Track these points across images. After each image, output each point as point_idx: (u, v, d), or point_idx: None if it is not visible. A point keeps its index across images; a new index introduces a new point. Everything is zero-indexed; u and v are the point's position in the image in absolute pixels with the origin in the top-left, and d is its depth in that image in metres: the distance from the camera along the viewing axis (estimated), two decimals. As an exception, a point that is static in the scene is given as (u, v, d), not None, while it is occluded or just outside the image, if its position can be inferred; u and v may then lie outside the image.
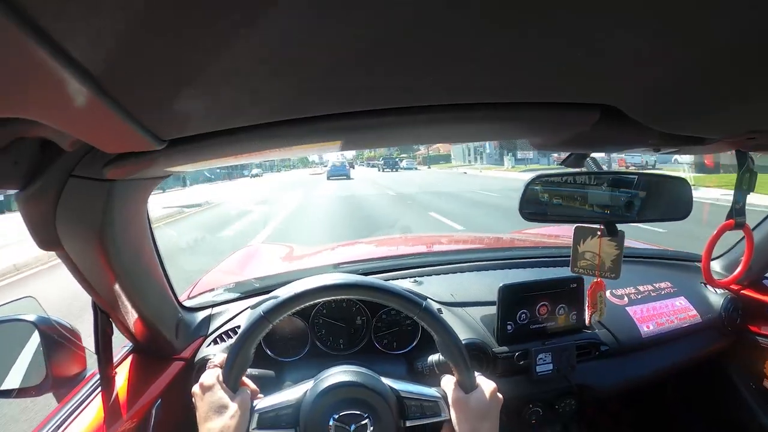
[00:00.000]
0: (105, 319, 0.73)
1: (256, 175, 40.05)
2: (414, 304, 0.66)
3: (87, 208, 0.54)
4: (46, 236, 0.55)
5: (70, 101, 0.27)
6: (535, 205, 0.75)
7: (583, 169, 0.78)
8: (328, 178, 24.57)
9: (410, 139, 0.56)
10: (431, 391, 0.67)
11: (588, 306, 0.86)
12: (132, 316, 0.72)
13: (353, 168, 35.69)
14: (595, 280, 0.84)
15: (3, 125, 0.35)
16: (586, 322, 0.87)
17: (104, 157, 0.49)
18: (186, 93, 0.30)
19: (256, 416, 0.63)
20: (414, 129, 0.44)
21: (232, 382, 0.65)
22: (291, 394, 0.66)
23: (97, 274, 0.63)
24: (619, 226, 0.82)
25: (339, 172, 25.31)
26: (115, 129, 0.34)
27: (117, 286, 0.65)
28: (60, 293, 3.60)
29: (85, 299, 0.70)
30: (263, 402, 0.65)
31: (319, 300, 0.68)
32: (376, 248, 1.56)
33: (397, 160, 38.78)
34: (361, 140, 0.49)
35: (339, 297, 0.75)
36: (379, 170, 34.94)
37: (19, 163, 0.46)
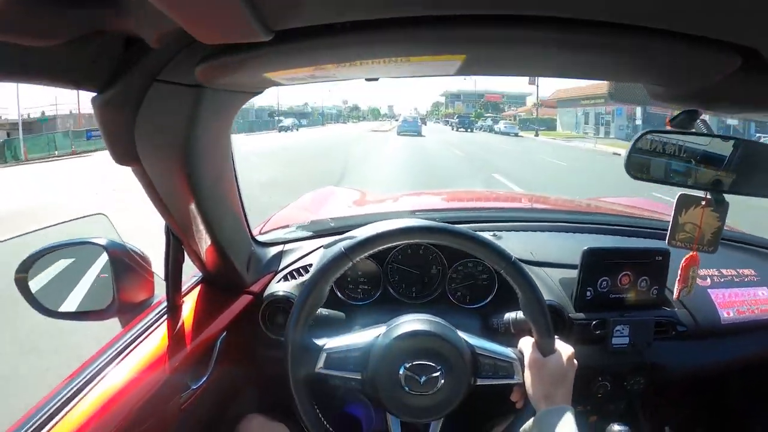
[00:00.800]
0: (177, 245, 0.71)
1: (287, 128, 29.92)
2: (503, 258, 0.63)
3: (171, 117, 0.50)
4: (123, 148, 0.51)
5: None
6: (641, 164, 0.69)
7: (697, 131, 0.71)
8: (399, 134, 22.71)
9: (523, 65, 0.49)
10: (507, 351, 0.64)
11: (679, 280, 0.80)
12: (205, 243, 0.71)
13: (425, 124, 33.49)
14: (691, 253, 0.78)
15: (79, 9, 0.31)
16: (675, 296, 0.81)
17: (193, 59, 0.44)
18: None
19: (324, 355, 0.62)
20: (530, 49, 0.39)
21: (303, 317, 0.63)
22: (361, 337, 0.64)
23: (175, 194, 0.60)
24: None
25: (410, 129, 23.38)
26: (223, 8, 0.30)
27: (194, 210, 0.63)
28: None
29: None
30: (332, 342, 0.63)
31: (401, 243, 0.65)
32: (453, 199, 1.52)
33: (473, 119, 36.11)
34: (480, 59, 0.43)
35: (421, 242, 0.72)
36: (452, 128, 32.89)
37: (97, 62, 0.43)
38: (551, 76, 0.53)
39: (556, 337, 0.64)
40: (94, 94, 0.46)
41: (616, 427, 0.81)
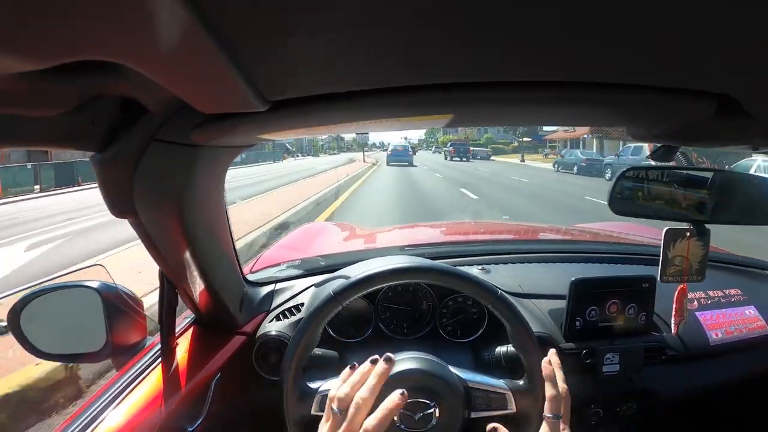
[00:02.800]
0: (171, 289, 0.72)
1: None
2: (489, 292, 0.64)
3: (168, 174, 0.52)
4: (121, 203, 0.52)
5: (177, 45, 0.24)
6: (625, 199, 0.71)
7: (677, 164, 0.73)
8: (388, 164, 21.41)
9: (508, 119, 0.52)
10: (500, 382, 0.65)
11: (675, 314, 0.82)
12: (198, 287, 0.71)
13: (415, 154, 28.75)
14: (681, 285, 0.80)
15: (82, 77, 0.31)
16: (673, 331, 0.83)
17: (191, 120, 0.45)
18: (300, 46, 0.27)
19: (318, 398, 0.63)
20: (515, 107, 0.41)
21: (296, 361, 0.63)
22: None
23: (170, 243, 0.61)
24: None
25: (400, 158, 21.95)
26: (221, 83, 0.31)
27: (188, 257, 0.64)
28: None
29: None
30: (326, 385, 0.64)
31: (391, 283, 0.66)
32: (442, 233, 1.53)
33: (468, 146, 29.64)
34: (464, 117, 0.45)
35: (411, 281, 0.73)
36: (446, 158, 28.37)
37: (96, 123, 0.44)
38: (534, 125, 0.55)
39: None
40: (93, 153, 0.48)
41: None
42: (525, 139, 34.59)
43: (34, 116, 0.36)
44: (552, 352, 0.65)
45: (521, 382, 0.64)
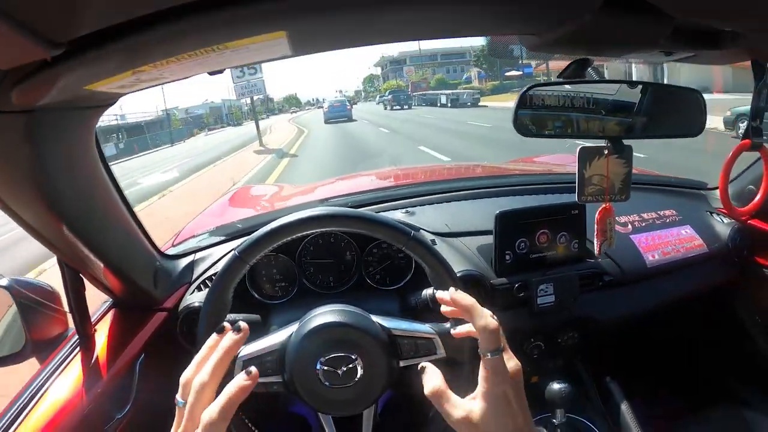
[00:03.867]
0: (73, 274, 0.68)
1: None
2: (401, 234, 0.61)
3: (10, 148, 0.46)
4: None
5: None
6: (530, 118, 0.68)
7: (584, 79, 0.70)
8: (326, 122, 19.71)
9: (373, 36, 0.47)
10: (425, 327, 0.62)
11: (597, 235, 0.81)
12: (100, 268, 0.67)
13: (355, 104, 28.57)
14: (604, 205, 0.78)
15: None
16: (596, 252, 0.82)
17: (9, 83, 0.40)
18: None
19: (240, 364, 0.60)
20: (376, 17, 0.36)
21: (210, 329, 0.61)
22: (274, 338, 0.61)
23: (48, 225, 0.56)
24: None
25: (338, 114, 20.10)
26: None
27: (72, 237, 0.59)
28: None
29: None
30: (245, 349, 0.61)
31: (299, 234, 0.63)
32: (366, 181, 1.50)
33: (409, 94, 27.67)
34: (306, 34, 0.40)
35: (320, 230, 0.70)
36: (385, 108, 26.55)
37: None
38: (402, 40, 0.50)
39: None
40: None
41: (555, 385, 0.81)
42: (513, 73, 28.68)
43: None
44: (452, 289, 0.60)
45: (447, 325, 0.62)
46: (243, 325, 0.50)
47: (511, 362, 0.45)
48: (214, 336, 0.49)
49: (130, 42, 0.33)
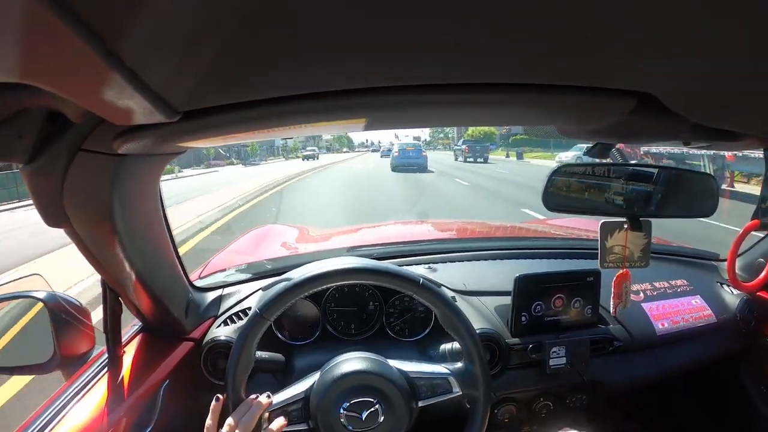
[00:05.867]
0: (114, 297, 0.72)
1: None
2: (411, 282, 0.65)
3: (96, 183, 0.53)
4: (53, 213, 0.53)
5: (78, 66, 0.25)
6: (558, 195, 0.73)
7: (608, 161, 0.75)
8: (394, 169, 14.92)
9: (432, 120, 0.53)
10: (439, 368, 0.66)
11: (613, 296, 0.84)
12: (141, 294, 0.71)
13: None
14: (621, 270, 0.82)
15: (5, 93, 0.33)
16: (611, 312, 0.85)
17: (115, 130, 0.46)
18: (204, 60, 0.28)
19: (266, 415, 0.63)
20: (437, 109, 0.42)
21: (239, 381, 0.64)
22: (298, 388, 0.65)
23: (106, 251, 0.62)
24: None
25: (409, 160, 15.19)
26: (126, 99, 0.32)
27: (126, 264, 0.64)
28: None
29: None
30: (272, 399, 0.64)
31: (320, 288, 0.66)
32: (390, 232, 1.54)
33: (487, 145, 23.40)
34: (382, 120, 0.46)
35: (338, 284, 0.73)
36: (456, 158, 23.43)
37: (24, 136, 0.45)
38: (461, 126, 0.56)
39: None
40: (23, 165, 0.48)
41: None
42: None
43: None
44: None
45: (460, 364, 0.65)
46: (270, 395, 0.56)
47: None
48: (246, 402, 0.59)
49: (234, 116, 0.39)
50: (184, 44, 0.26)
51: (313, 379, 0.65)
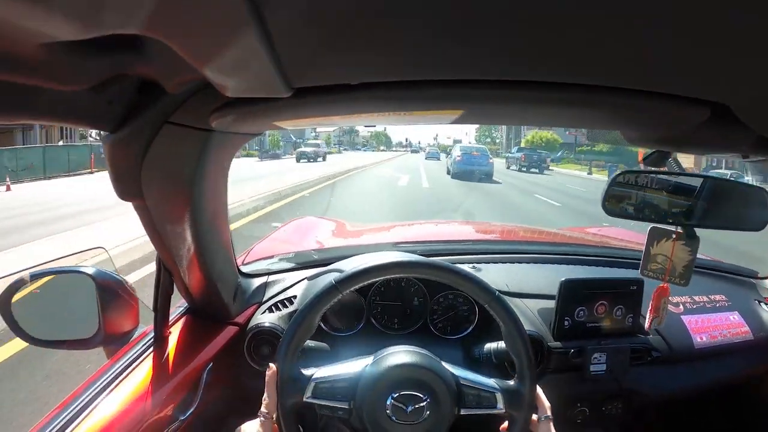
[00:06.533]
0: (168, 277, 0.72)
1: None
2: (487, 292, 0.65)
3: (178, 158, 0.53)
4: (128, 185, 0.53)
5: (218, 23, 0.25)
6: (617, 202, 0.72)
7: (669, 170, 0.75)
8: (453, 176, 13.22)
9: (508, 118, 0.53)
10: (490, 382, 0.65)
11: (650, 310, 0.84)
12: (195, 275, 0.72)
13: (438, 159, 23.04)
14: (662, 285, 0.82)
15: (104, 56, 0.32)
16: (646, 326, 0.84)
17: (207, 104, 0.46)
18: (334, 35, 0.28)
19: (312, 385, 0.63)
20: (517, 105, 0.42)
21: (294, 347, 0.63)
22: (349, 367, 0.65)
23: (172, 229, 0.62)
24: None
25: (471, 166, 13.40)
26: (252, 66, 0.32)
27: (188, 244, 0.64)
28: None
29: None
30: (320, 372, 0.64)
31: (391, 276, 0.66)
32: (434, 231, 1.54)
33: (546, 154, 21.25)
34: (475, 113, 0.46)
35: (407, 276, 0.73)
36: (508, 167, 20.90)
37: (113, 103, 0.45)
38: (533, 125, 0.56)
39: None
40: (106, 134, 0.48)
41: None
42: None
43: (56, 90, 0.36)
44: None
45: (512, 383, 0.64)
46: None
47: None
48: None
49: (340, 97, 0.39)
50: (327, 17, 0.26)
51: (365, 362, 0.65)
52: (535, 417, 0.65)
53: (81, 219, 5.74)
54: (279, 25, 0.26)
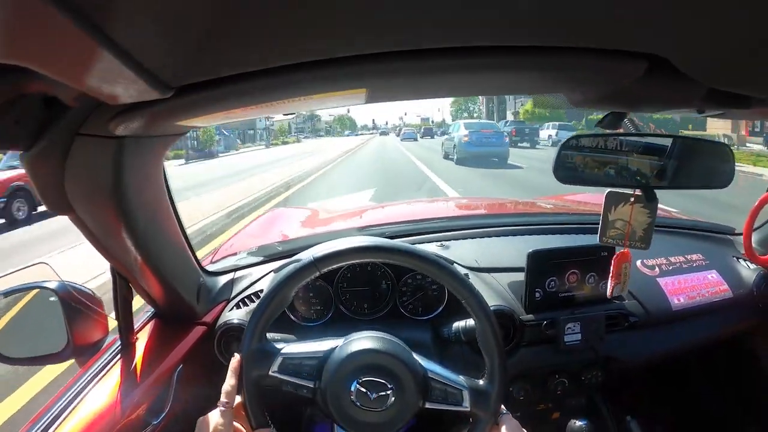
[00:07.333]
0: (124, 284, 0.72)
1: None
2: (466, 289, 0.63)
3: (97, 167, 0.52)
4: (55, 199, 0.53)
5: (65, 44, 0.25)
6: (569, 167, 0.71)
7: (620, 131, 0.74)
8: (457, 162, 10.77)
9: (431, 90, 0.51)
10: (459, 379, 0.63)
11: (611, 277, 0.83)
12: (151, 280, 0.71)
13: (416, 140, 27.76)
14: (622, 250, 0.81)
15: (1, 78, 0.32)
16: (608, 293, 0.83)
17: (108, 112, 0.46)
18: (194, 29, 0.27)
19: (279, 359, 0.61)
20: (436, 77, 0.40)
21: (264, 320, 0.62)
22: (319, 346, 0.64)
23: (112, 237, 0.61)
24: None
25: (485, 148, 10.44)
26: (117, 76, 0.31)
27: (134, 250, 0.64)
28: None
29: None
30: (289, 347, 0.63)
31: (351, 262, 0.65)
32: (401, 211, 1.54)
33: (537, 127, 19.12)
34: (383, 90, 0.45)
35: (371, 261, 0.71)
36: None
37: (21, 123, 0.44)
38: (465, 95, 0.54)
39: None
40: (21, 152, 0.48)
41: (576, 423, 0.82)
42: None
43: None
44: None
45: (481, 383, 0.63)
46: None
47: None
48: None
49: (230, 89, 0.38)
50: (174, 16, 0.25)
51: (335, 343, 0.63)
52: None
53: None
54: (122, 31, 0.25)
